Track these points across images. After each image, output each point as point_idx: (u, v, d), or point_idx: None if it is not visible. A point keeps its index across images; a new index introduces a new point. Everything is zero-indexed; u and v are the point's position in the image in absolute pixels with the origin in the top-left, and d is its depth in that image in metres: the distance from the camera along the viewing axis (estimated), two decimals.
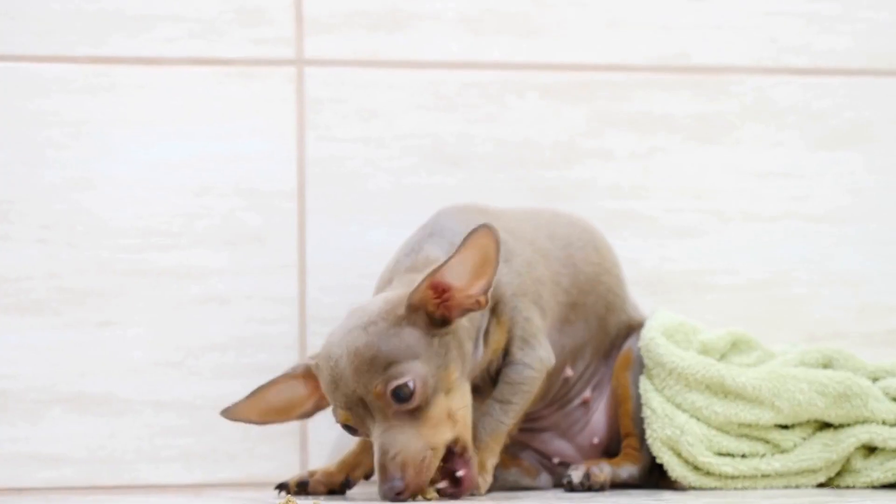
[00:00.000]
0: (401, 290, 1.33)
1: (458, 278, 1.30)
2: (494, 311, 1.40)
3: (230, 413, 1.39)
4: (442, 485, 1.31)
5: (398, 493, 1.26)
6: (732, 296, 1.72)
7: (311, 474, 1.43)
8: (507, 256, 1.40)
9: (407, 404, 1.27)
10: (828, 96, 1.75)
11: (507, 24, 1.70)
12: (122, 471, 1.61)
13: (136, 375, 1.62)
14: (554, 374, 1.47)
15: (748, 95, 1.74)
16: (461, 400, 1.32)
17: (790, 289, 1.73)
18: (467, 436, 1.33)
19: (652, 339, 1.49)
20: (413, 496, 1.28)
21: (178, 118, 1.64)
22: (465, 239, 1.29)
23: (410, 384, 1.27)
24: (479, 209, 1.46)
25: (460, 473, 1.31)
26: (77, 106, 1.62)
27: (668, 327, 1.50)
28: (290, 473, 1.51)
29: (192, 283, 1.63)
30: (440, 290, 1.30)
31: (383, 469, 1.27)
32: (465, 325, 1.35)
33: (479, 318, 1.38)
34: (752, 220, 1.73)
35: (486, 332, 1.39)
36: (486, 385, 1.43)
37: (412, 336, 1.29)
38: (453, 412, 1.31)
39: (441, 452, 1.29)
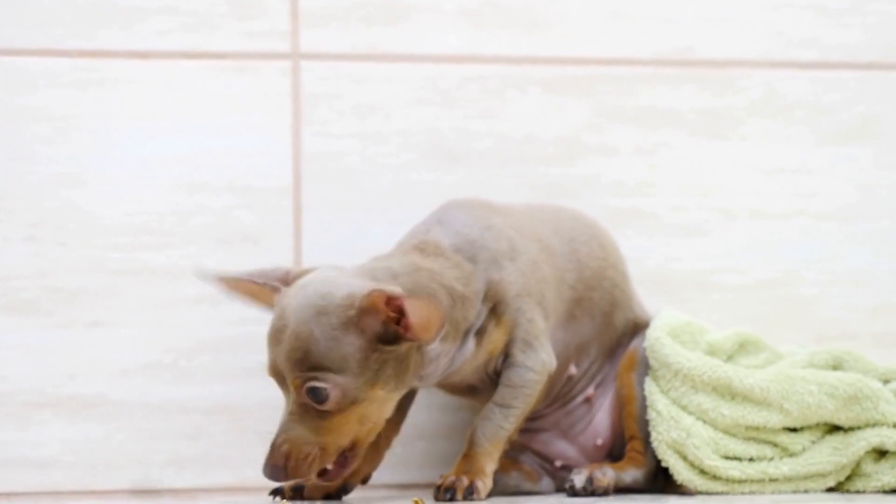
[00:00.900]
0: (369, 282, 1.32)
1: (415, 316, 1.29)
2: (494, 310, 1.40)
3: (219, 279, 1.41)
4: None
5: (276, 478, 1.30)
6: (739, 295, 1.72)
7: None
8: (512, 255, 1.40)
9: (318, 405, 1.29)
10: (837, 90, 1.75)
11: (508, 16, 1.70)
12: (113, 475, 1.61)
13: (128, 377, 1.61)
14: (557, 373, 1.47)
15: (755, 90, 1.74)
16: (377, 412, 1.33)
17: (799, 288, 1.73)
18: (365, 443, 1.34)
19: (657, 340, 1.49)
20: (292, 480, 1.31)
21: (170, 113, 1.64)
22: (417, 300, 1.29)
23: (327, 392, 1.29)
24: (485, 204, 1.46)
25: (329, 466, 1.32)
26: (67, 101, 1.62)
27: (673, 327, 1.50)
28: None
29: (185, 283, 1.62)
30: (399, 311, 1.29)
31: (270, 450, 1.29)
32: (432, 349, 1.34)
33: (474, 316, 1.38)
34: (760, 218, 1.73)
35: (483, 332, 1.39)
36: (486, 386, 1.44)
37: (352, 346, 1.29)
38: (364, 420, 1.32)
39: (332, 455, 1.31)
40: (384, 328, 1.30)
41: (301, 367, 1.29)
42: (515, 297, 1.40)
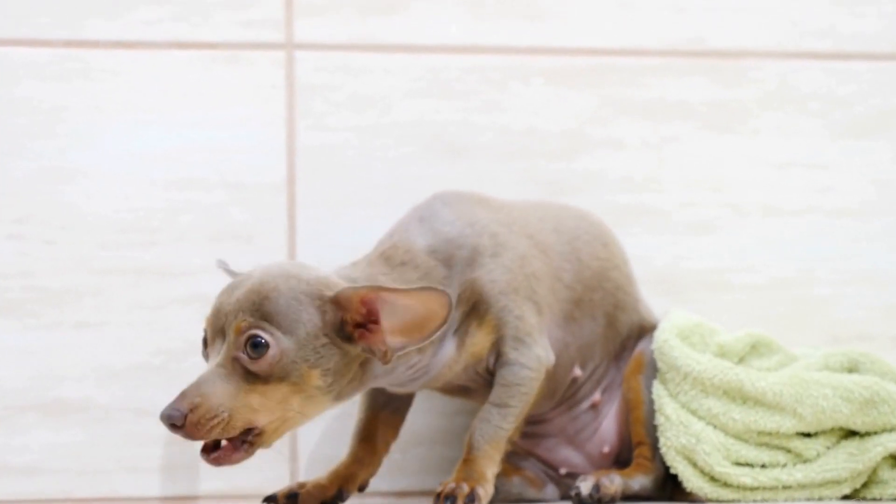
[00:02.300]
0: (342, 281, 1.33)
1: (391, 317, 1.30)
2: (475, 310, 1.39)
3: None
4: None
5: (172, 424, 1.26)
6: (751, 295, 1.71)
7: (302, 486, 1.43)
8: (495, 251, 1.40)
9: (251, 361, 1.27)
10: (853, 82, 1.74)
11: (511, 5, 1.70)
12: (101, 482, 1.61)
13: (116, 380, 1.61)
14: (561, 374, 1.47)
15: (768, 81, 1.74)
16: (301, 403, 1.31)
17: (813, 288, 1.73)
18: (272, 436, 1.31)
19: (666, 342, 1.49)
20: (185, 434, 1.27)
21: (159, 106, 1.63)
22: (422, 293, 1.29)
23: (267, 347, 1.27)
24: (473, 198, 1.46)
25: (223, 442, 1.30)
26: (51, 93, 1.62)
27: (683, 329, 1.50)
28: (279, 485, 1.52)
29: (175, 282, 1.62)
30: (371, 313, 1.30)
31: (180, 394, 1.27)
32: (373, 368, 1.34)
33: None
34: (772, 215, 1.73)
35: (464, 333, 1.40)
36: (479, 386, 1.44)
37: (311, 320, 1.29)
38: (285, 404, 1.30)
39: (237, 428, 1.28)
40: (343, 324, 1.30)
41: (251, 312, 1.28)
42: (499, 294, 1.40)
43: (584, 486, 1.44)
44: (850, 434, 1.49)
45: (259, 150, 1.64)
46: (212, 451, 1.30)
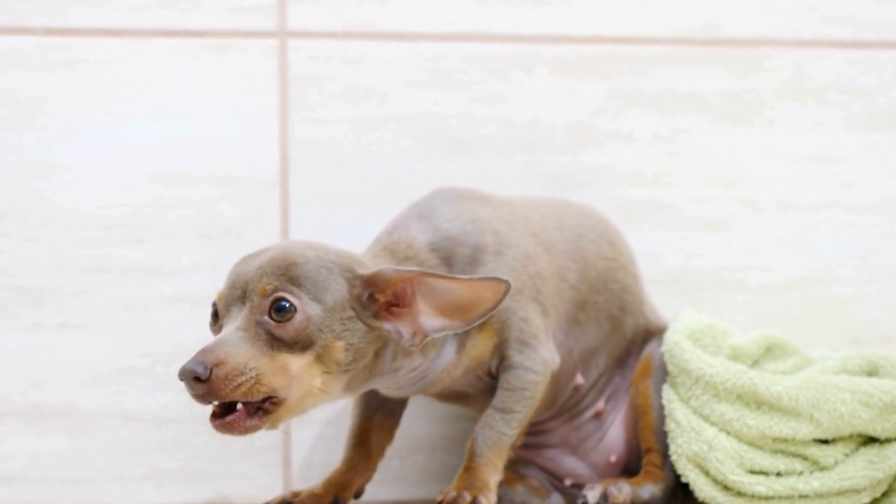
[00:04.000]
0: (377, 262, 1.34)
1: (428, 299, 1.30)
2: None
3: None
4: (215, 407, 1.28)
5: (195, 378, 1.23)
6: (766, 295, 1.72)
7: (296, 495, 1.43)
8: (498, 249, 1.40)
9: (276, 325, 1.26)
10: (873, 72, 1.75)
11: None
12: (85, 491, 1.61)
13: (100, 384, 1.62)
14: (563, 381, 1.47)
15: (784, 71, 1.74)
16: (323, 384, 1.29)
17: (831, 287, 1.73)
18: (292, 409, 1.29)
19: (676, 344, 1.49)
20: (208, 399, 1.24)
21: (145, 97, 1.63)
22: (478, 278, 1.30)
23: (294, 311, 1.27)
24: (474, 194, 1.46)
25: (238, 406, 1.27)
26: (33, 83, 1.62)
27: (694, 330, 1.50)
28: (272, 494, 1.54)
29: (161, 282, 1.63)
30: (403, 296, 1.30)
31: (201, 350, 1.24)
32: (383, 361, 1.34)
33: None
34: (789, 211, 1.73)
35: (465, 336, 1.39)
36: (478, 392, 1.44)
37: (339, 290, 1.29)
38: (309, 381, 1.28)
39: (262, 390, 1.26)
40: (371, 301, 1.30)
41: (280, 275, 1.28)
42: None
43: (592, 495, 1.43)
44: (870, 441, 1.48)
45: (250, 144, 1.64)
46: (222, 416, 1.28)
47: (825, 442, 1.47)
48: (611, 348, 1.52)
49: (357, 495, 1.46)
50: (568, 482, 1.52)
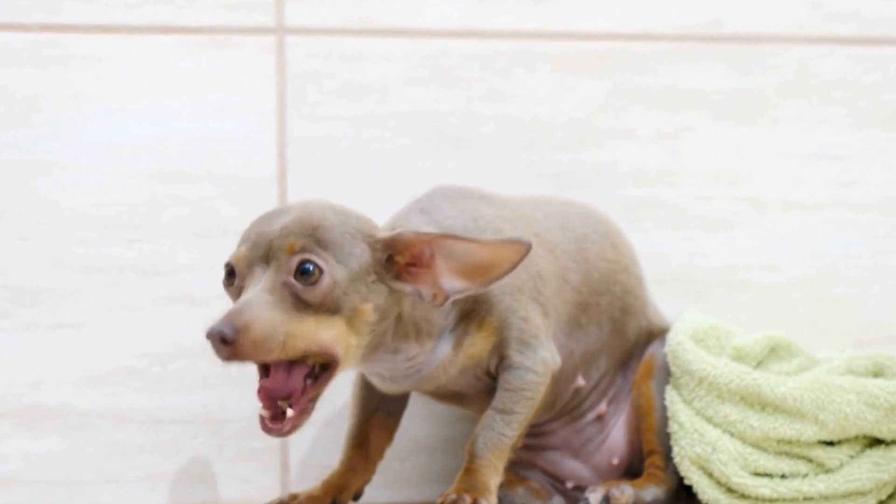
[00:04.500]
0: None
1: (449, 259, 1.30)
2: (474, 310, 1.39)
3: None
4: (263, 412, 1.28)
5: (223, 339, 1.22)
6: (771, 295, 1.72)
7: (293, 498, 1.43)
8: None
9: (303, 289, 1.26)
10: (879, 69, 1.74)
11: None
12: (80, 493, 1.61)
13: (96, 385, 1.61)
14: (563, 383, 1.47)
15: (789, 68, 1.74)
16: (345, 341, 1.28)
17: (836, 287, 1.73)
18: (329, 371, 1.28)
19: (679, 344, 1.49)
20: (232, 360, 1.23)
21: (141, 94, 1.63)
22: (498, 240, 1.30)
23: (321, 274, 1.26)
24: (476, 193, 1.46)
25: (290, 413, 1.27)
26: (27, 80, 1.61)
27: (697, 331, 1.51)
28: (270, 496, 1.53)
29: (158, 281, 1.62)
30: (421, 257, 1.31)
31: (227, 312, 1.24)
32: (406, 310, 1.34)
33: (441, 316, 1.37)
34: (793, 210, 1.73)
35: (463, 333, 1.39)
36: (475, 392, 1.44)
37: (363, 255, 1.30)
38: (332, 342, 1.27)
39: (295, 350, 1.25)
40: (391, 264, 1.31)
41: (306, 235, 1.28)
42: (502, 294, 1.39)
43: (594, 498, 1.43)
44: (876, 442, 1.48)
45: (248, 142, 1.64)
46: (275, 420, 1.27)
47: (830, 444, 1.47)
48: (612, 350, 1.51)
49: (356, 497, 1.45)
50: (570, 484, 1.52)
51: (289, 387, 1.28)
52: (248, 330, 1.22)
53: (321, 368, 1.28)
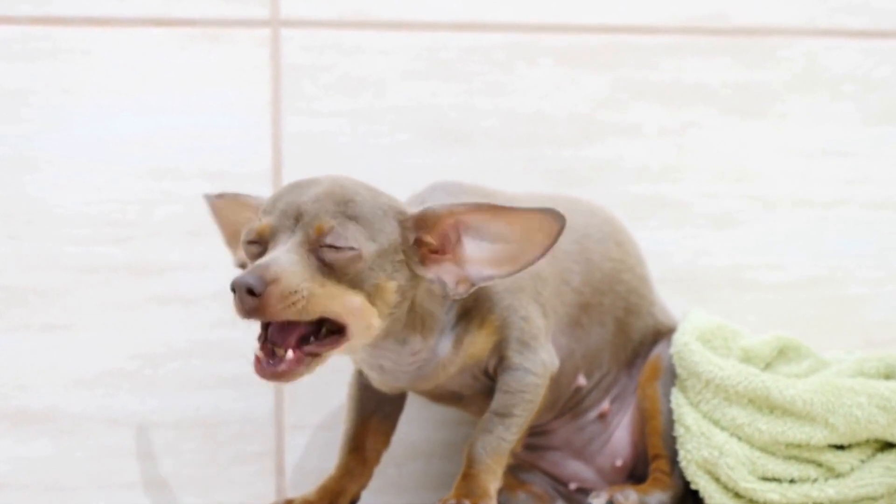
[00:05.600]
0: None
1: (477, 238, 1.31)
2: (475, 309, 1.39)
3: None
4: (259, 353, 1.27)
5: (250, 291, 1.22)
6: (779, 295, 1.72)
7: (289, 503, 1.42)
8: None
9: (329, 252, 1.26)
10: (890, 63, 1.75)
11: None
12: (70, 498, 1.61)
13: (86, 387, 1.61)
14: (563, 382, 1.47)
15: (797, 62, 1.74)
16: (367, 315, 1.29)
17: (846, 287, 1.73)
18: (353, 341, 1.29)
19: (686, 345, 1.49)
20: (255, 315, 1.23)
21: (133, 89, 1.63)
22: (529, 214, 1.29)
23: (353, 249, 1.27)
24: (478, 190, 1.45)
25: (289, 355, 1.27)
26: (16, 74, 1.61)
27: (704, 331, 1.50)
28: (265, 502, 1.53)
29: (151, 281, 1.62)
30: (446, 242, 1.31)
31: (254, 265, 1.24)
32: (418, 300, 1.34)
33: (442, 312, 1.37)
34: (802, 207, 1.73)
35: (463, 332, 1.39)
36: (473, 393, 1.44)
37: (392, 232, 1.30)
38: (357, 311, 1.28)
39: (313, 312, 1.26)
40: (418, 246, 1.31)
41: (338, 212, 1.28)
42: (503, 292, 1.39)
43: (597, 503, 1.43)
44: (887, 446, 1.48)
45: (242, 137, 1.64)
46: (269, 361, 1.27)
47: (840, 448, 1.47)
48: (616, 350, 1.51)
49: (352, 502, 1.45)
50: (572, 486, 1.52)
51: (286, 340, 1.27)
52: (276, 283, 1.23)
53: (329, 332, 1.29)
